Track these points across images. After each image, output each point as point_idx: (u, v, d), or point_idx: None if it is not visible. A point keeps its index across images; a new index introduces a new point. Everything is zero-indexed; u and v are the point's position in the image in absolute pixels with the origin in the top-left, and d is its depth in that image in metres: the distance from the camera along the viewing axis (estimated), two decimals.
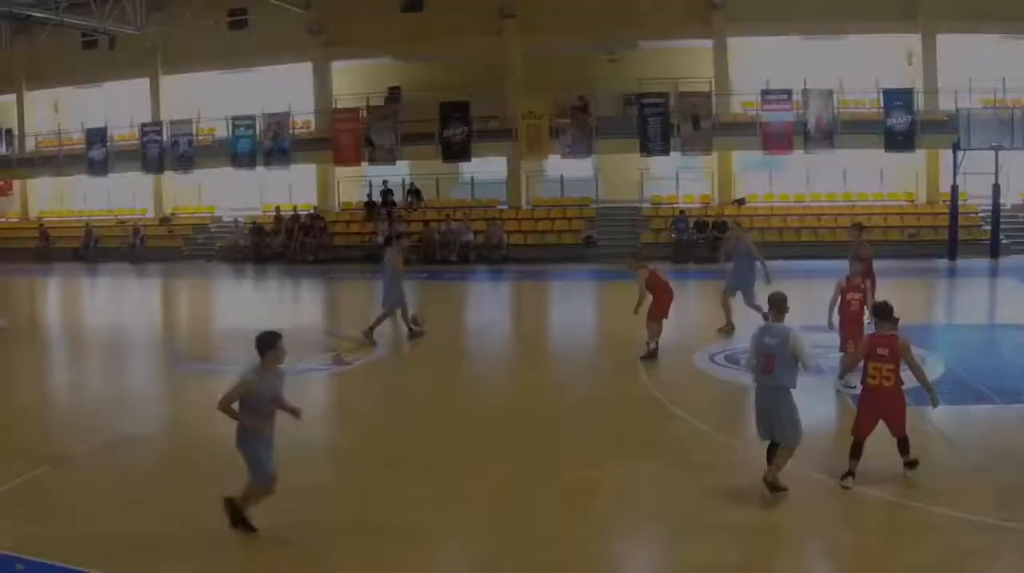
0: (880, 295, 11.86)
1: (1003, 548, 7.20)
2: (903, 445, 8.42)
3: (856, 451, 8.32)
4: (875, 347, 8.38)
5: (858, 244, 14.64)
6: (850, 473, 8.27)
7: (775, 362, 8.08)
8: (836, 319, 11.63)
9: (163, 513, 7.86)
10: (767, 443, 8.25)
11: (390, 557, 7.09)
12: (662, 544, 7.59)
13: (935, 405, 8.55)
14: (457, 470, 9.05)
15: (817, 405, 10.89)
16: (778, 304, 8.35)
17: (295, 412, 7.42)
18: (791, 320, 8.38)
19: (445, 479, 8.74)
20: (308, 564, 7.03)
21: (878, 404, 8.38)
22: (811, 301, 14.09)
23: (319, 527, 7.59)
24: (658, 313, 13.71)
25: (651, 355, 13.58)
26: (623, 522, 7.93)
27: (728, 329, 15.13)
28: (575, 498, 8.33)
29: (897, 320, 8.78)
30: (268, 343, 7.21)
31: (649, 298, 13.64)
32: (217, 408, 7.18)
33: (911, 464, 8.43)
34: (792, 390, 8.13)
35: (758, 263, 15.44)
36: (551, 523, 7.71)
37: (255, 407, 7.17)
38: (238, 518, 7.23)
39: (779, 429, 8.10)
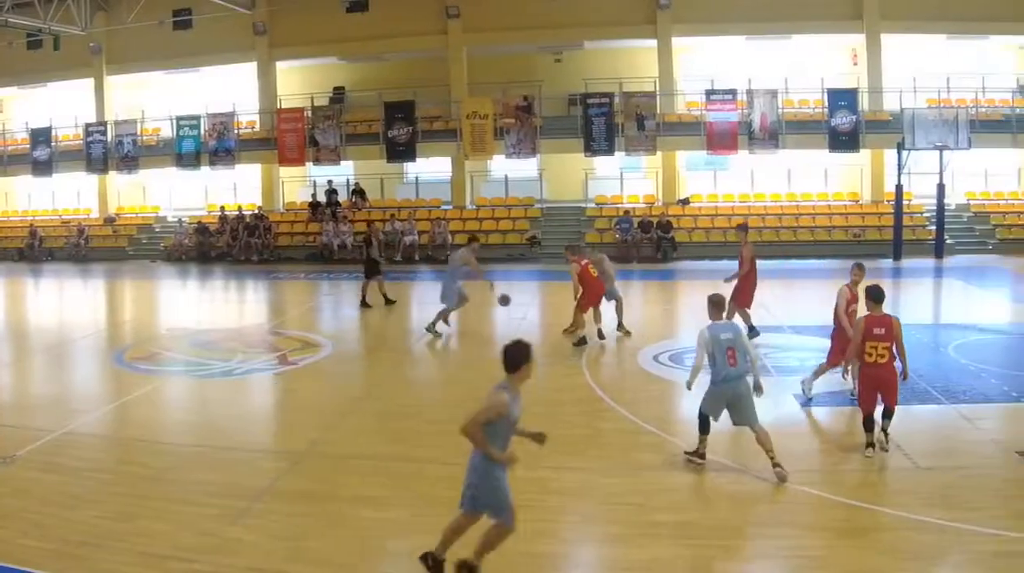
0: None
1: (947, 548, 7.23)
2: (889, 415, 9.30)
3: (868, 424, 9.27)
4: (872, 328, 9.17)
5: (742, 245, 14.74)
6: (869, 444, 9.25)
7: (736, 353, 8.77)
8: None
9: (107, 513, 7.86)
10: (701, 440, 8.91)
11: (332, 556, 7.08)
12: (606, 544, 7.56)
13: (905, 378, 9.33)
14: (400, 469, 9.11)
15: (768, 407, 11.07)
16: (719, 303, 9.19)
17: (540, 438, 6.66)
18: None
19: (388, 479, 8.80)
20: (252, 564, 6.98)
21: (875, 380, 9.20)
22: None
23: (265, 529, 7.59)
24: (584, 304, 14.72)
25: (581, 342, 14.52)
26: (566, 522, 7.97)
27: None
28: (518, 497, 8.26)
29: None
30: (525, 355, 6.33)
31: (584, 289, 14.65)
32: (462, 432, 6.31)
33: (884, 438, 9.30)
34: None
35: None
36: None
37: (501, 432, 6.37)
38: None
39: (751, 414, 8.79)
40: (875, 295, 9.36)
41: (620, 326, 15.27)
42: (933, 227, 26.91)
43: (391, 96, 28.51)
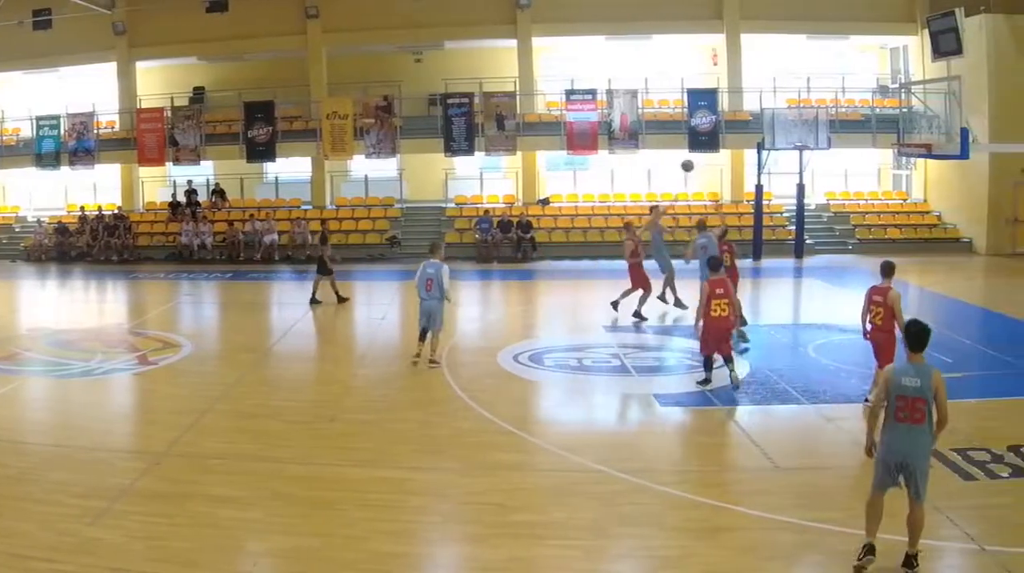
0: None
1: (807, 547, 7.27)
2: (729, 360, 11.85)
3: (707, 364, 11.97)
4: (715, 289, 11.72)
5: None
6: (707, 380, 11.89)
7: (433, 284, 13.02)
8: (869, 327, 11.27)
9: None
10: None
11: (192, 556, 7.09)
12: (466, 544, 7.60)
13: (736, 328, 12.74)
14: (259, 469, 9.16)
15: (629, 407, 11.77)
16: (437, 247, 13.56)
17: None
18: None
19: (249, 478, 8.84)
20: (113, 564, 6.94)
21: (717, 331, 11.67)
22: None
23: (126, 528, 7.57)
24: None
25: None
26: (426, 522, 7.98)
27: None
28: (379, 498, 8.39)
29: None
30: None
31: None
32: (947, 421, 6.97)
33: (728, 366, 11.79)
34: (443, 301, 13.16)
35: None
36: (354, 522, 7.77)
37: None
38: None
39: (437, 322, 13.22)
40: (712, 264, 12.16)
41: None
42: (793, 227, 26.99)
43: (251, 96, 28.30)
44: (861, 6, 28.36)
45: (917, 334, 6.92)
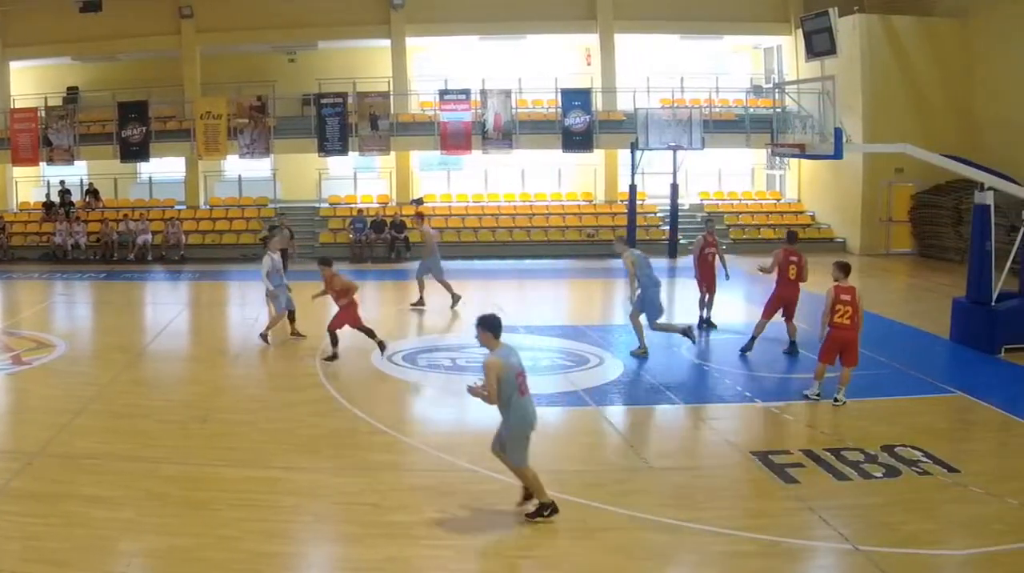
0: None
1: (680, 547, 7.35)
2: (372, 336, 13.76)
3: (333, 340, 13.62)
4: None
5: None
6: (334, 355, 13.65)
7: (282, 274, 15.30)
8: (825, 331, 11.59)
9: None
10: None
11: (66, 556, 7.06)
12: (340, 544, 7.63)
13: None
14: (132, 469, 9.11)
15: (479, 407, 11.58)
16: (267, 237, 16.61)
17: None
18: None
19: (123, 478, 8.80)
20: None
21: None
22: (485, 301, 16.41)
23: None
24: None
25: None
26: (300, 522, 7.99)
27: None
28: (250, 497, 8.40)
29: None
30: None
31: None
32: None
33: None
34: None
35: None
36: (228, 522, 7.77)
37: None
38: None
39: (277, 304, 15.02)
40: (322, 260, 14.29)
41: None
42: (667, 227, 27.04)
43: (125, 96, 28.13)
44: (735, 6, 28.58)
45: (494, 323, 7.87)
